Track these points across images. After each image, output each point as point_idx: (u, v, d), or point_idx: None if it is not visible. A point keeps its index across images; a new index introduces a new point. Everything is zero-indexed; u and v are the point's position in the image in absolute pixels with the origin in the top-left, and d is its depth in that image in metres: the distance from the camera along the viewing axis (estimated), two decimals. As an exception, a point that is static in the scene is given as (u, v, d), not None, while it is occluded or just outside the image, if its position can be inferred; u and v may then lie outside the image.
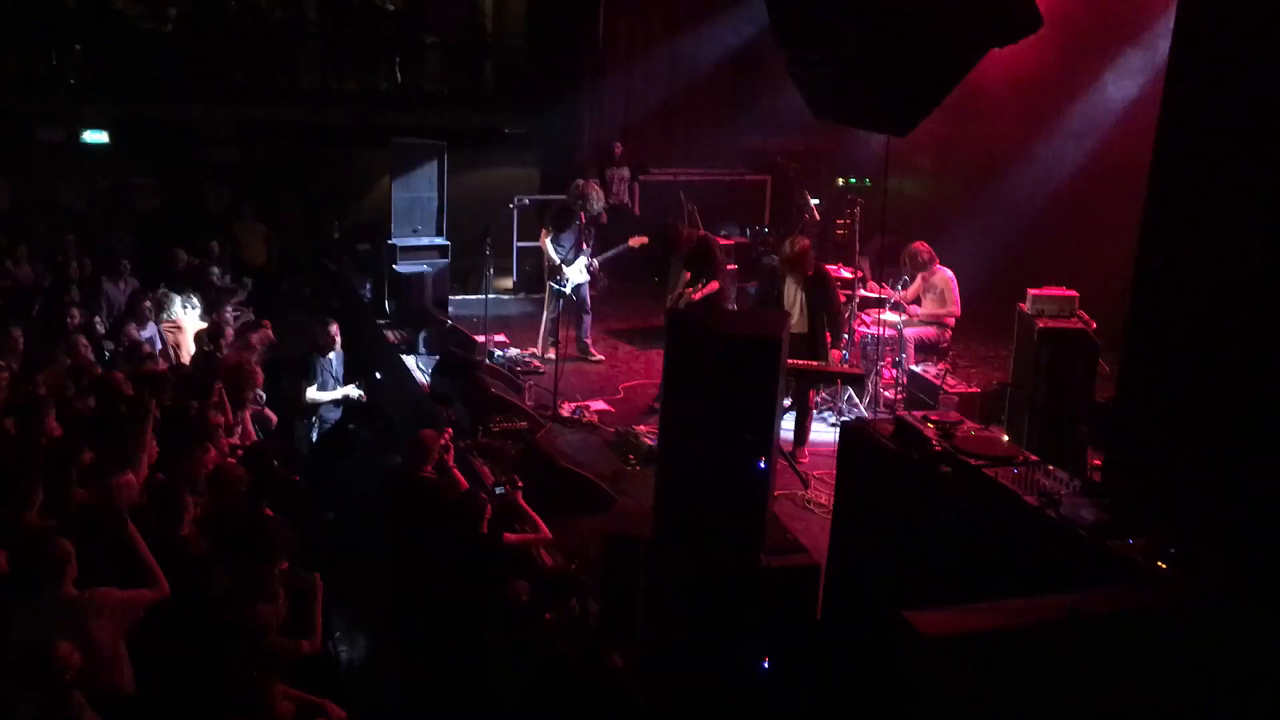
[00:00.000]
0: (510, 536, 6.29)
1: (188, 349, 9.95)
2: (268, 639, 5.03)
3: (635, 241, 11.29)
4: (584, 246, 10.70)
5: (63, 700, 4.33)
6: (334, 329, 9.31)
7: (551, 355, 10.45)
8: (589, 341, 11.03)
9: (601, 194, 11.51)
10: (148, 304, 10.05)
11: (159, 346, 9.72)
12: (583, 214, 10.71)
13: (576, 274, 10.66)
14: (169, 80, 14.55)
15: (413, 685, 6.72)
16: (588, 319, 11.05)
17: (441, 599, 6.30)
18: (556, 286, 10.59)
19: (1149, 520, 4.42)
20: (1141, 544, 4.27)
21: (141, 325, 9.82)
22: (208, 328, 9.91)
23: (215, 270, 12.27)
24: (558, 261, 10.57)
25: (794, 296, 8.68)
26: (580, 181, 11.41)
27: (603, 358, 10.98)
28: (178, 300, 10.26)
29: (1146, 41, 10.26)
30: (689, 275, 9.66)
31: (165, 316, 10.09)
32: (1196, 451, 4.99)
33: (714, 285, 9.59)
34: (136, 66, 14.54)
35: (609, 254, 11.28)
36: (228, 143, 15.42)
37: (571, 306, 10.78)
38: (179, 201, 15.52)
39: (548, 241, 10.77)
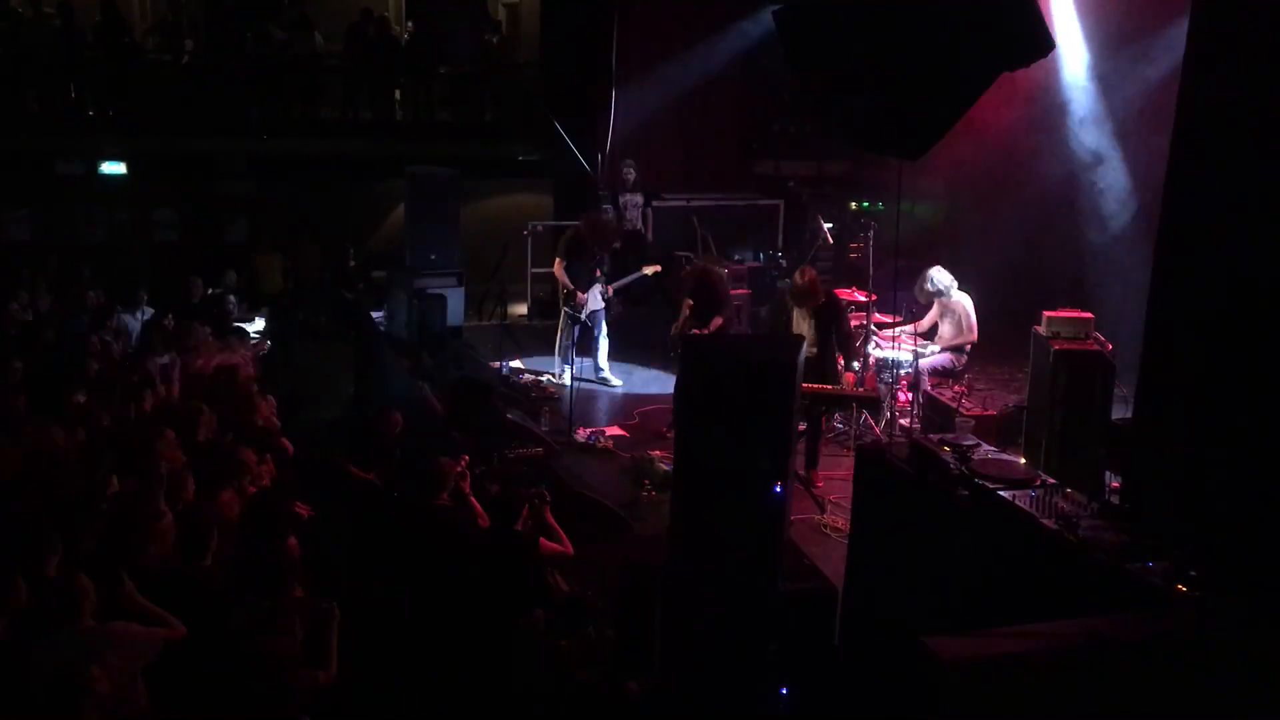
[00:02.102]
0: (545, 543, 6.31)
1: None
2: (285, 671, 5.01)
3: (650, 269, 11.31)
4: (598, 274, 10.71)
5: None
6: (397, 418, 8.24)
7: (566, 379, 10.45)
8: (605, 367, 11.01)
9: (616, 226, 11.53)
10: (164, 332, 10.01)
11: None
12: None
13: (591, 301, 10.67)
14: (186, 113, 14.68)
15: (429, 713, 6.69)
16: (605, 345, 11.04)
17: (459, 627, 6.27)
18: (571, 313, 10.60)
19: (1169, 543, 4.39)
20: (1161, 567, 4.24)
21: (158, 354, 9.83)
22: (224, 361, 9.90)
23: (232, 300, 12.34)
24: (572, 288, 10.57)
25: (801, 323, 8.67)
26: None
27: (620, 383, 10.96)
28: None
29: (1159, 59, 10.23)
30: (689, 310, 9.48)
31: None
32: (1216, 473, 4.95)
33: (718, 321, 9.46)
34: (154, 99, 14.68)
35: (623, 281, 11.28)
36: (245, 175, 15.53)
37: (587, 333, 10.78)
38: (196, 233, 15.61)
39: (562, 269, 10.77)
